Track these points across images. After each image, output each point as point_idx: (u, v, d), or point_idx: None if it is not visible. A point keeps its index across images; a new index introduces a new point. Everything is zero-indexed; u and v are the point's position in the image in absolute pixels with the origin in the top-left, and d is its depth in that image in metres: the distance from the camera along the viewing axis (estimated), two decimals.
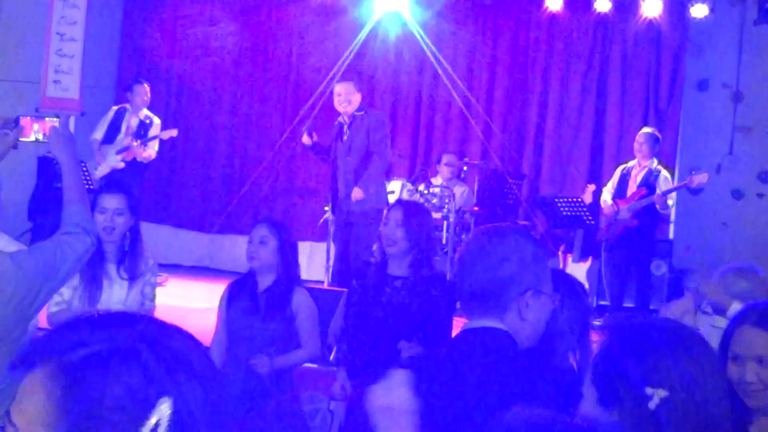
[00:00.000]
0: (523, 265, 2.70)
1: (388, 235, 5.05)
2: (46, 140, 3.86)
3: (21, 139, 3.89)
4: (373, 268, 5.30)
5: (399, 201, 5.74)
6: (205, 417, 1.29)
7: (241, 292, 5.26)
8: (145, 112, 10.70)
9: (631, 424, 2.09)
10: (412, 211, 5.24)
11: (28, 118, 3.96)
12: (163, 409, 1.25)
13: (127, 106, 10.76)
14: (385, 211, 5.31)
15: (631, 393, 2.13)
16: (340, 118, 8.70)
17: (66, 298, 4.98)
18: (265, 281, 5.21)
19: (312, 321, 5.29)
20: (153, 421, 1.25)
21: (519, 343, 2.71)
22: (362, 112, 8.81)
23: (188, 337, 1.37)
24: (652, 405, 2.09)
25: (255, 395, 4.91)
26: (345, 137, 8.67)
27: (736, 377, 2.89)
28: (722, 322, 3.95)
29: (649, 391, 2.11)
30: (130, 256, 5.18)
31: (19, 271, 3.33)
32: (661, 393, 2.10)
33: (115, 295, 5.10)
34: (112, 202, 5.13)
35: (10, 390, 3.41)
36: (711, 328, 4.22)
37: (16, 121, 3.89)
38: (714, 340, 3.88)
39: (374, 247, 5.63)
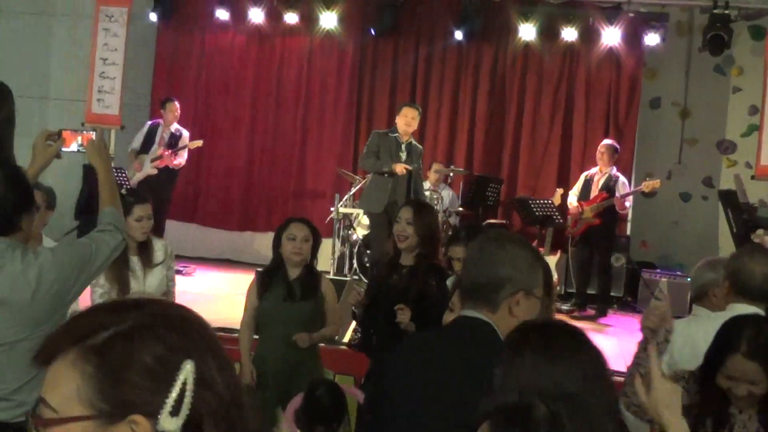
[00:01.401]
0: (517, 269, 2.70)
1: (399, 231, 5.07)
2: (84, 150, 3.89)
3: (63, 149, 3.92)
4: (388, 258, 5.34)
5: (409, 201, 5.72)
6: (219, 377, 1.30)
7: (274, 280, 5.28)
8: (176, 125, 10.71)
9: None
10: (420, 209, 5.27)
11: (69, 131, 3.99)
12: (188, 369, 1.25)
13: (160, 120, 10.77)
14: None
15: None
16: (397, 136, 8.78)
17: (107, 289, 5.06)
18: (295, 271, 5.22)
19: (335, 303, 5.36)
20: (181, 378, 1.24)
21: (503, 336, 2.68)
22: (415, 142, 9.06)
23: (188, 311, 1.37)
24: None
25: (294, 368, 4.94)
26: (403, 156, 8.77)
27: (726, 386, 2.96)
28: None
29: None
30: (147, 247, 5.27)
31: (58, 263, 3.37)
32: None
33: (143, 282, 5.16)
34: (145, 210, 5.24)
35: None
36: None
37: (59, 134, 3.92)
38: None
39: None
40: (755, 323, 3.04)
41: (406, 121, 8.68)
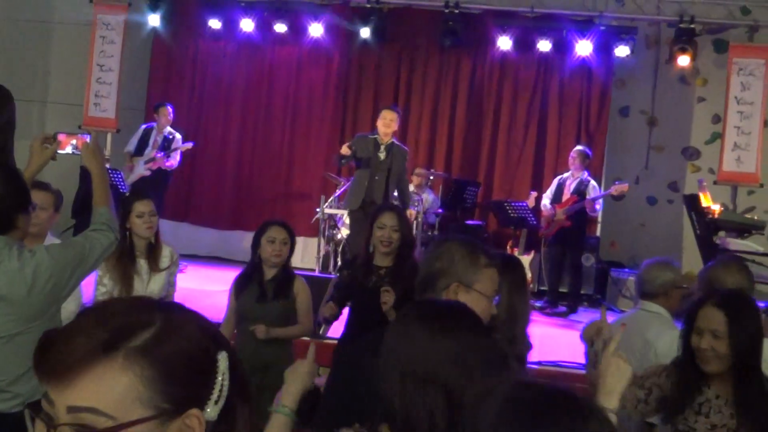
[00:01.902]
0: (452, 264, 2.82)
1: (385, 237, 5.01)
2: (79, 153, 3.88)
3: (59, 151, 3.91)
4: (359, 260, 5.29)
5: (390, 206, 5.60)
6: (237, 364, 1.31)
7: (250, 281, 5.27)
8: (169, 129, 10.68)
9: None
10: (403, 215, 5.26)
11: (65, 134, 3.98)
12: (224, 358, 1.27)
13: (154, 124, 10.74)
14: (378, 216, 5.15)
15: None
16: (376, 137, 8.65)
17: (109, 288, 5.01)
18: (272, 272, 5.20)
19: (307, 303, 5.29)
20: (222, 368, 1.26)
21: None
22: (398, 143, 8.91)
23: (192, 310, 1.36)
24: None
25: (266, 366, 4.91)
26: (382, 156, 8.69)
27: (695, 345, 3.07)
28: None
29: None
30: (155, 251, 5.21)
31: (53, 260, 3.36)
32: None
33: (146, 285, 5.13)
34: (146, 206, 5.17)
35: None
36: None
37: (55, 136, 3.91)
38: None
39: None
40: (736, 290, 3.32)
41: (385, 122, 8.63)
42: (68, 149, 3.93)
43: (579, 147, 10.25)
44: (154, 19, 11.46)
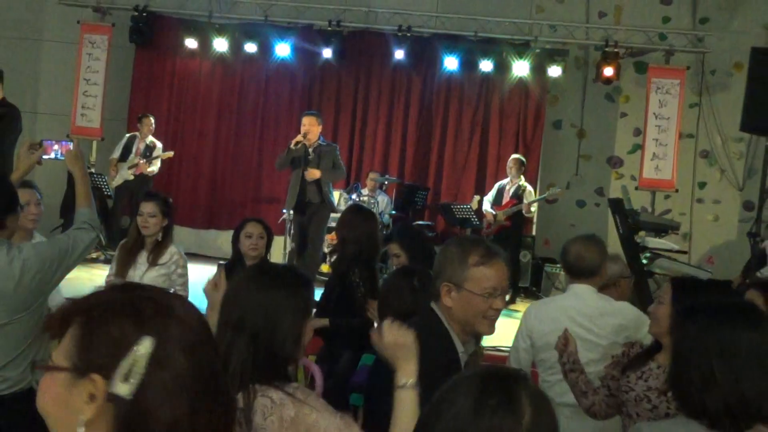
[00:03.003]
0: (446, 264, 2.70)
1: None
2: (63, 158, 3.85)
3: (44, 156, 3.88)
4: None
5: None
6: (183, 361, 1.27)
7: (232, 273, 5.20)
8: (150, 138, 10.58)
9: None
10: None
11: (49, 141, 3.95)
12: (145, 344, 1.23)
13: (137, 133, 10.64)
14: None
15: None
16: (304, 143, 8.55)
17: (111, 276, 5.10)
18: (251, 263, 5.10)
19: None
20: (136, 350, 1.24)
21: (446, 322, 2.68)
22: (324, 143, 8.77)
23: (183, 303, 1.35)
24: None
25: None
26: (311, 158, 8.58)
27: (650, 310, 3.18)
28: None
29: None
30: (157, 247, 5.14)
31: (39, 256, 3.32)
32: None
33: (138, 274, 5.07)
34: (147, 207, 5.11)
35: (34, 346, 3.39)
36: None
37: (41, 143, 3.88)
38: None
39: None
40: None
41: (304, 129, 8.55)
42: (53, 155, 3.90)
43: (515, 155, 10.31)
44: (135, 39, 11.36)
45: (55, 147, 3.99)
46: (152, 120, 10.65)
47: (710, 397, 2.10)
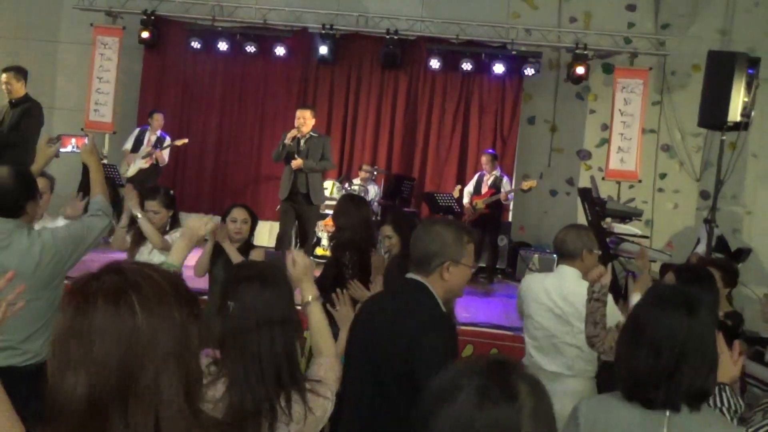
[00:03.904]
0: (444, 245, 2.80)
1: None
2: (79, 151, 3.84)
3: (61, 150, 3.88)
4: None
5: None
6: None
7: (221, 252, 5.23)
8: (159, 131, 10.57)
9: None
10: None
11: (66, 136, 3.94)
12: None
13: (148, 127, 10.61)
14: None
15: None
16: (297, 133, 8.48)
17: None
18: (236, 245, 5.16)
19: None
20: None
21: (438, 294, 2.80)
22: (316, 134, 8.68)
23: (169, 277, 1.40)
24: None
25: None
26: (302, 149, 8.51)
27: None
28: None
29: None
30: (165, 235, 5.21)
31: (57, 240, 3.32)
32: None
33: (144, 256, 5.13)
34: (151, 205, 5.20)
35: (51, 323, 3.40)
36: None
37: (58, 138, 3.88)
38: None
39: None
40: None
41: (299, 122, 8.48)
42: (69, 148, 3.89)
43: (488, 151, 10.37)
44: (144, 41, 11.32)
45: (72, 141, 3.95)
46: (161, 116, 10.63)
47: (652, 380, 2.10)
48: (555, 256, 4.38)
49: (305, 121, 8.49)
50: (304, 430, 2.28)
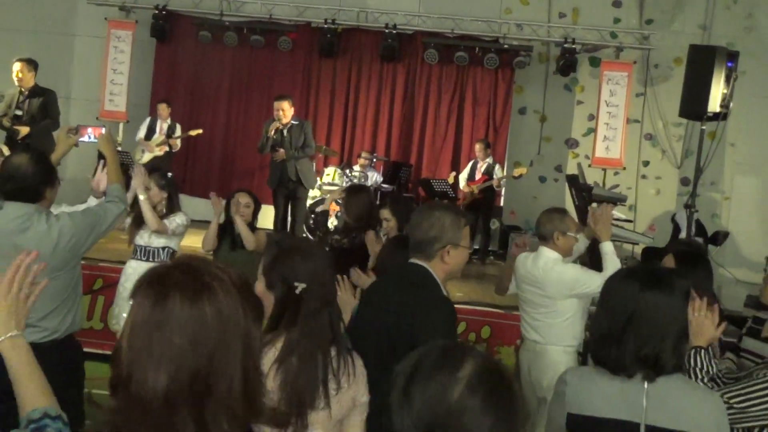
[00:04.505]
0: (443, 229, 2.79)
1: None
2: (96, 141, 3.85)
3: (80, 140, 3.88)
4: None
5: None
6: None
7: (225, 235, 5.26)
8: (169, 120, 10.56)
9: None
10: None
11: (84, 126, 3.94)
12: None
13: (159, 115, 10.59)
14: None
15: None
16: (277, 123, 8.37)
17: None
18: (239, 227, 5.18)
19: (262, 239, 5.30)
20: None
21: (438, 276, 2.81)
22: (297, 122, 8.55)
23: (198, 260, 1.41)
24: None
25: None
26: (285, 137, 8.39)
27: None
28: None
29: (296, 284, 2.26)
30: (166, 215, 5.26)
31: (74, 224, 3.33)
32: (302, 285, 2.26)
33: (144, 239, 5.13)
34: (154, 199, 5.25)
35: (72, 303, 3.40)
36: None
37: (77, 128, 3.88)
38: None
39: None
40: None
41: (278, 114, 8.28)
42: (86, 137, 3.89)
43: (480, 141, 10.36)
44: (156, 34, 11.28)
45: (89, 131, 3.95)
46: (165, 105, 10.56)
47: (606, 342, 2.18)
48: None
49: (284, 112, 8.30)
50: (356, 388, 2.31)
